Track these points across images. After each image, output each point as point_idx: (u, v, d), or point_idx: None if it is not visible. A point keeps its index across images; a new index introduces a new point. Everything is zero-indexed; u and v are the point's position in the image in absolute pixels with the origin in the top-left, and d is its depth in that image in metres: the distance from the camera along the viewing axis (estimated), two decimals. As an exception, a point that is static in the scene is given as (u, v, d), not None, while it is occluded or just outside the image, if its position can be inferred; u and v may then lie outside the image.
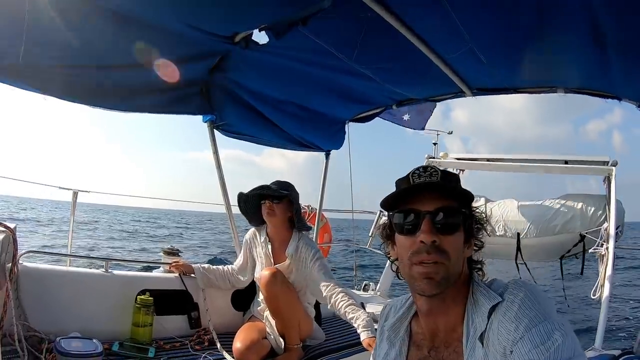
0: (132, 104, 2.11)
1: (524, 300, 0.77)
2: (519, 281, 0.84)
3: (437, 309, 0.88)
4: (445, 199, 0.86)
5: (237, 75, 2.41)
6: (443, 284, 0.83)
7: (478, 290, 0.86)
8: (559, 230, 3.38)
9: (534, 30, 1.77)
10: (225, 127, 2.71)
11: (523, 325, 0.74)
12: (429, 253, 0.83)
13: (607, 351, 1.82)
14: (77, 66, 1.78)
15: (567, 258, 3.60)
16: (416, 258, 0.84)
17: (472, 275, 0.91)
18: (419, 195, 0.87)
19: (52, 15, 1.48)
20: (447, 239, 0.84)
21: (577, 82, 2.28)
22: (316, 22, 1.74)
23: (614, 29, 1.59)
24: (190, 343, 2.19)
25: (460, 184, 0.94)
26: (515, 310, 0.77)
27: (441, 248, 0.83)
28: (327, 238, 5.43)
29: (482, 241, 0.93)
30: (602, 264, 2.82)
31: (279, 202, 2.25)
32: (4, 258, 1.49)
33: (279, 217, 2.27)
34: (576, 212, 3.34)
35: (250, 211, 2.38)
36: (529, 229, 3.48)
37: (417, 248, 0.84)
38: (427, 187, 0.87)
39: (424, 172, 0.89)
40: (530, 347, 0.72)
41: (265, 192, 2.26)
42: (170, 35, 1.88)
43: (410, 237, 0.86)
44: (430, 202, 0.86)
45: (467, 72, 2.33)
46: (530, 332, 0.73)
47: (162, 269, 2.57)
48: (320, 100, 2.83)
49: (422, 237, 0.83)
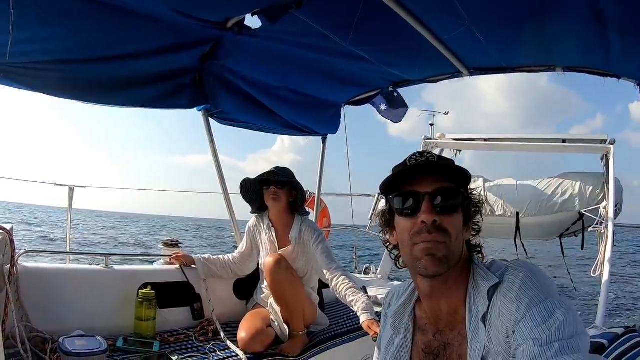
0: (125, 98, 2.06)
1: (525, 280, 0.78)
2: (519, 261, 0.85)
3: (439, 291, 0.89)
4: (443, 180, 0.87)
5: (230, 62, 2.35)
6: (445, 263, 0.84)
7: (478, 273, 0.87)
8: (558, 208, 3.40)
9: (532, 8, 1.74)
10: (220, 115, 2.67)
11: (524, 304, 0.75)
12: (430, 232, 0.84)
13: (609, 330, 1.84)
14: (65, 61, 1.72)
15: (567, 236, 3.63)
16: (418, 238, 0.85)
17: (472, 257, 0.92)
18: (417, 177, 0.88)
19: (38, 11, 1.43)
20: (447, 219, 0.85)
21: (575, 61, 2.25)
22: (310, 5, 1.70)
23: (613, 6, 1.56)
24: (195, 335, 2.19)
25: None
26: (516, 291, 0.77)
27: (442, 227, 0.84)
28: (327, 222, 5.46)
29: (480, 225, 0.95)
30: (602, 243, 2.85)
31: (282, 187, 2.28)
32: (2, 260, 1.46)
33: (282, 202, 2.31)
34: (575, 191, 3.34)
35: (253, 197, 2.41)
36: (528, 208, 3.49)
37: (419, 228, 0.85)
38: (424, 167, 0.88)
39: (420, 156, 0.90)
40: (532, 326, 0.72)
41: (270, 177, 2.29)
42: (159, 23, 1.81)
43: (411, 218, 0.87)
44: (428, 184, 0.87)
45: (465, 51, 2.29)
46: (532, 311, 0.74)
47: (163, 261, 2.56)
48: (316, 84, 2.78)
49: (424, 217, 0.84)
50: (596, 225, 2.93)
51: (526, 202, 3.50)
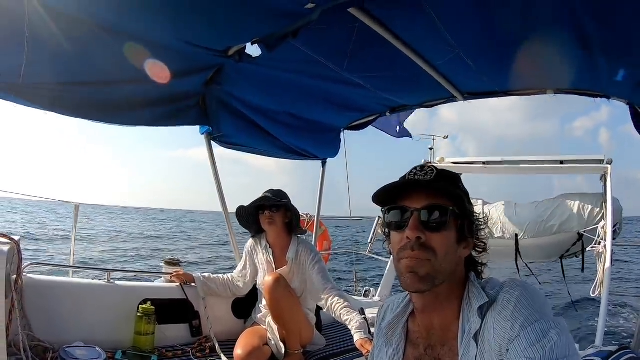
0: (132, 118, 2.17)
1: (520, 299, 0.78)
2: (515, 280, 0.85)
3: (431, 306, 0.89)
4: (435, 197, 0.87)
5: (232, 87, 2.47)
6: (428, 281, 0.83)
7: (471, 290, 0.87)
8: (556, 230, 3.40)
9: (519, 34, 1.81)
10: (222, 138, 2.77)
11: (519, 323, 0.75)
12: (413, 249, 0.84)
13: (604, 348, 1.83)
14: (78, 83, 1.84)
15: (568, 258, 3.60)
16: (402, 254, 0.86)
17: (468, 275, 0.91)
18: (411, 192, 0.88)
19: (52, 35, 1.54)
20: (434, 236, 0.85)
21: (565, 83, 2.31)
22: (306, 34, 1.79)
23: (597, 30, 1.63)
24: (192, 351, 2.22)
25: (458, 184, 0.95)
26: (511, 309, 0.77)
27: (427, 245, 0.84)
28: (327, 245, 5.45)
29: (485, 242, 0.94)
30: (601, 262, 2.83)
31: (277, 210, 2.32)
32: (9, 269, 1.54)
33: (278, 225, 2.35)
34: (573, 212, 3.35)
35: (250, 221, 2.46)
36: (527, 229, 3.50)
37: (404, 244, 0.85)
38: (414, 184, 0.88)
39: (420, 170, 0.90)
40: (526, 345, 0.72)
41: (264, 202, 2.34)
42: (166, 50, 1.94)
43: (399, 233, 0.88)
44: (419, 200, 0.87)
45: (457, 77, 2.37)
46: (526, 330, 0.74)
47: (163, 278, 2.60)
48: (315, 110, 2.88)
49: (408, 233, 0.85)
50: (594, 245, 2.93)
51: (525, 224, 3.51)
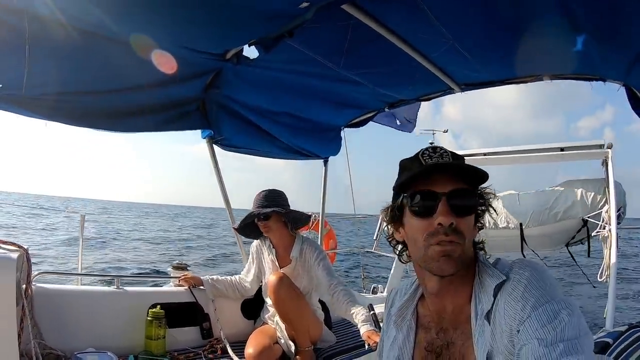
0: (134, 124, 2.20)
1: (530, 279, 0.78)
2: (524, 260, 0.85)
3: (446, 289, 0.89)
4: (459, 181, 0.85)
5: (231, 90, 2.49)
6: (459, 264, 0.83)
7: (484, 270, 0.86)
8: (561, 217, 3.39)
9: (510, 22, 1.81)
10: (223, 141, 2.79)
11: (530, 304, 0.75)
12: (447, 235, 0.82)
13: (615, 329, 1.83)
14: (79, 93, 1.87)
15: (574, 245, 3.59)
16: (434, 239, 0.83)
17: (477, 255, 0.91)
18: (433, 176, 0.86)
19: (52, 45, 1.57)
20: (463, 221, 0.84)
21: (560, 69, 2.31)
22: (302, 34, 1.81)
23: (586, 13, 1.63)
24: (204, 352, 2.23)
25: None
26: (521, 290, 0.77)
27: (458, 229, 0.83)
28: (333, 244, 5.47)
29: (482, 222, 0.94)
30: (606, 246, 2.83)
31: (269, 218, 2.31)
32: (19, 277, 1.56)
33: (275, 229, 2.35)
34: (576, 198, 3.34)
35: (251, 232, 2.47)
36: (531, 218, 3.48)
37: (435, 229, 0.83)
38: (443, 167, 0.86)
39: (433, 152, 0.88)
40: (537, 326, 0.72)
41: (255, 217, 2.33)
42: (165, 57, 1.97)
43: (426, 219, 0.85)
44: (445, 184, 0.85)
45: (453, 68, 2.38)
46: (537, 311, 0.74)
47: (172, 283, 2.62)
48: (314, 109, 2.90)
49: (441, 219, 0.82)
50: (599, 229, 2.92)
51: (529, 213, 3.50)
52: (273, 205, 2.30)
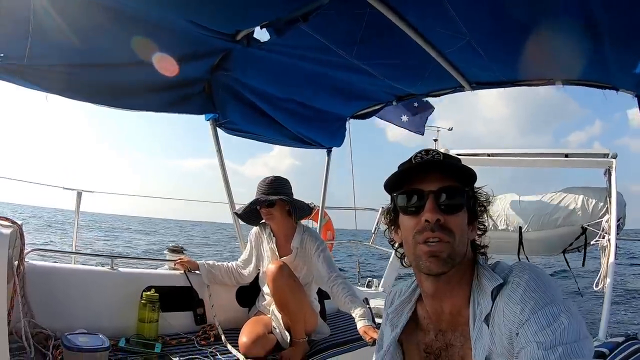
0: (137, 102, 2.14)
1: (529, 282, 0.78)
2: (524, 263, 0.85)
3: (442, 291, 0.88)
4: (447, 179, 0.86)
5: (239, 73, 2.44)
6: (449, 263, 0.83)
7: (482, 273, 0.87)
8: (560, 223, 3.39)
9: (529, 24, 1.79)
10: (227, 125, 2.75)
11: (529, 307, 0.74)
12: (433, 231, 0.83)
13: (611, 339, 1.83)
14: (82, 65, 1.81)
15: (570, 252, 3.61)
16: (421, 237, 0.84)
17: (476, 258, 0.91)
18: (422, 175, 0.88)
19: (56, 15, 1.51)
20: (451, 218, 0.84)
21: (574, 74, 2.29)
22: (316, 19, 1.76)
23: (607, 20, 1.61)
24: (196, 338, 2.21)
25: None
26: (520, 293, 0.77)
27: (445, 227, 0.83)
28: (330, 235, 5.49)
29: (485, 225, 0.94)
30: (604, 256, 2.84)
31: (273, 205, 2.27)
32: (12, 253, 1.51)
33: (278, 217, 2.31)
34: (577, 205, 3.33)
35: (252, 218, 2.43)
36: (531, 222, 3.48)
37: (422, 227, 0.84)
38: (428, 165, 0.87)
39: (425, 154, 0.90)
40: (536, 329, 0.72)
41: (256, 206, 2.29)
42: (173, 33, 1.91)
43: (414, 217, 0.86)
44: (433, 182, 0.86)
45: (466, 66, 2.35)
46: (536, 314, 0.73)
47: (167, 266, 2.59)
48: (321, 98, 2.85)
49: (427, 215, 0.84)
50: (598, 238, 2.92)
51: (529, 217, 3.50)
52: (278, 192, 2.27)
